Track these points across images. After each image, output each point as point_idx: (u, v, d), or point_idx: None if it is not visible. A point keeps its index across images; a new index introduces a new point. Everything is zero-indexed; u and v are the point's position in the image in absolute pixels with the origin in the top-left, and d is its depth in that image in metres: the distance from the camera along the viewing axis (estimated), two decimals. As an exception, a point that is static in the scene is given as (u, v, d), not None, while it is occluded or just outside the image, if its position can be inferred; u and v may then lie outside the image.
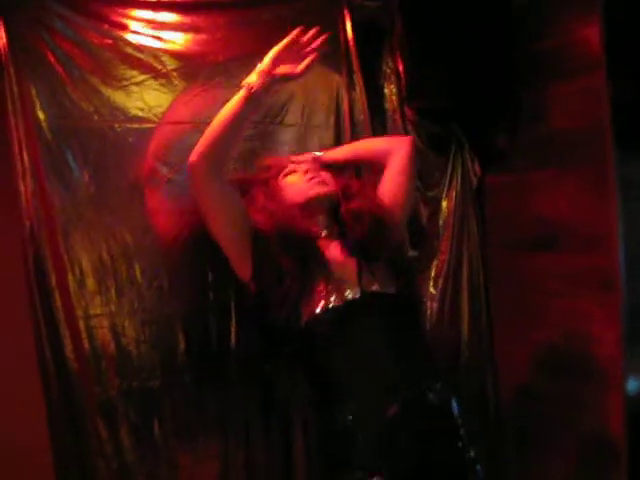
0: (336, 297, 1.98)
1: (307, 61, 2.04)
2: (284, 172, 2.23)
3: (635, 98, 2.30)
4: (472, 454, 2.00)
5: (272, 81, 2.02)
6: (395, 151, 2.32)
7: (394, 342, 2.00)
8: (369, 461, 1.89)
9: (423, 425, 1.94)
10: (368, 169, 2.50)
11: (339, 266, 2.06)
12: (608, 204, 2.30)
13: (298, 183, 2.17)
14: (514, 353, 2.79)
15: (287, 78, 2.07)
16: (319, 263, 2.04)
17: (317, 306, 1.97)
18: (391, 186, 2.30)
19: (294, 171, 2.22)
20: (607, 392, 2.38)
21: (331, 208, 2.19)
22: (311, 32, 2.04)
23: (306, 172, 2.19)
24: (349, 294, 1.99)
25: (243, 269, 2.10)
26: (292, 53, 2.02)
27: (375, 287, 2.03)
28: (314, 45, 2.04)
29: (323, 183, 2.18)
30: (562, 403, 2.57)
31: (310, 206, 2.13)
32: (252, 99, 1.99)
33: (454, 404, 2.04)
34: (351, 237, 2.14)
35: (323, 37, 2.05)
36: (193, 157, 1.98)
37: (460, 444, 1.99)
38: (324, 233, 2.14)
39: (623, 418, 2.34)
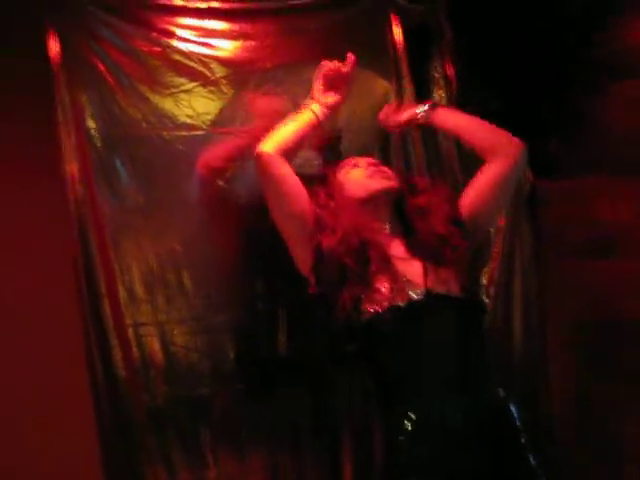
0: (400, 297, 1.93)
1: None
2: (346, 166, 2.18)
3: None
4: (533, 463, 1.94)
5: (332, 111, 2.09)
6: (501, 152, 2.11)
7: (458, 346, 1.96)
8: (426, 469, 1.85)
9: (485, 432, 1.89)
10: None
11: (403, 265, 2.02)
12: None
13: (360, 177, 2.12)
14: (569, 358, 2.71)
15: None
16: (383, 261, 1.99)
17: (381, 305, 1.92)
18: (481, 190, 2.14)
19: (356, 165, 2.16)
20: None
21: (395, 204, 2.14)
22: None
23: (368, 166, 2.14)
24: (414, 295, 1.94)
25: (303, 261, 2.05)
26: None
27: (441, 289, 1.98)
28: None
29: (387, 177, 2.12)
30: (618, 410, 2.51)
31: (373, 200, 2.08)
32: (317, 127, 2.07)
33: (514, 412, 1.99)
34: (417, 235, 2.10)
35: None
36: (261, 146, 2.00)
37: (522, 453, 1.95)
38: (388, 230, 2.10)
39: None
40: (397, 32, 2.55)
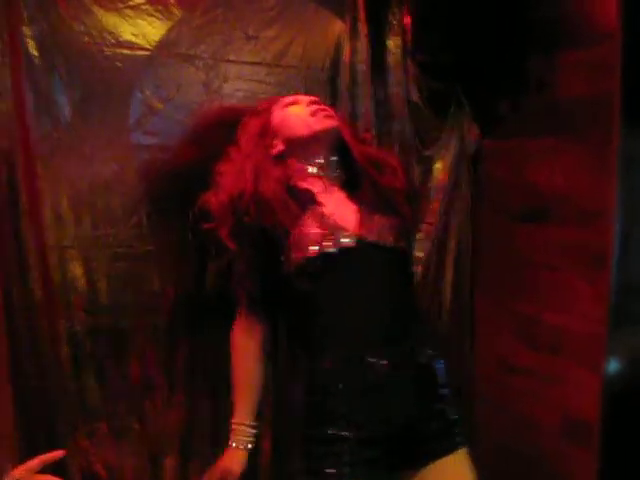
0: (331, 242, 1.88)
1: None
2: (285, 102, 2.09)
3: (646, 74, 2.24)
4: (455, 417, 1.95)
5: None
6: None
7: (387, 296, 1.92)
8: (347, 415, 1.83)
9: (408, 383, 1.88)
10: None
11: (337, 211, 1.96)
12: (607, 179, 2.24)
13: (302, 114, 2.03)
14: (495, 323, 2.73)
15: None
16: (313, 206, 1.95)
17: (309, 250, 1.87)
18: None
19: (296, 102, 2.07)
20: (586, 371, 2.34)
21: (335, 145, 2.06)
22: None
23: (310, 104, 2.05)
24: (344, 241, 1.90)
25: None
26: None
27: (373, 237, 1.93)
28: None
29: (330, 116, 2.04)
30: (539, 377, 2.53)
31: (316, 140, 2.01)
32: None
33: (440, 365, 1.99)
34: (364, 183, 2.05)
35: None
36: None
37: (443, 406, 1.95)
38: (322, 173, 2.04)
39: (600, 399, 2.31)
40: (359, -28, 2.48)
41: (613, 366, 2.34)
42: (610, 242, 2.25)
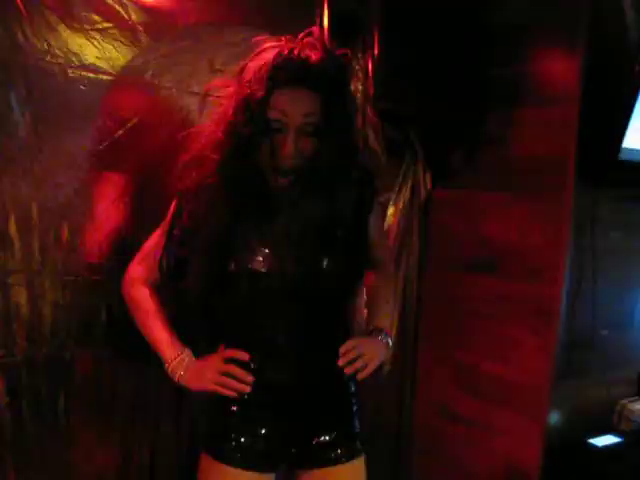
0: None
1: None
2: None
3: (601, 135, 2.33)
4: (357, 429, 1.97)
5: None
6: None
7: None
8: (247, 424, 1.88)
9: (315, 387, 1.91)
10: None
11: None
12: (559, 235, 2.32)
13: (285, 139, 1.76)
14: (437, 371, 2.76)
15: None
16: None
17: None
18: None
19: (285, 125, 1.76)
20: (528, 421, 2.39)
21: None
22: None
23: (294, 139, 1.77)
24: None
25: None
26: None
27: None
28: None
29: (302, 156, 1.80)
30: (479, 426, 2.56)
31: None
32: None
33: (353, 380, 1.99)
34: None
35: None
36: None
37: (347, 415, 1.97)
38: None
39: (540, 450, 2.35)
40: (326, 15, 2.49)
41: (555, 418, 2.39)
42: (558, 297, 2.32)
